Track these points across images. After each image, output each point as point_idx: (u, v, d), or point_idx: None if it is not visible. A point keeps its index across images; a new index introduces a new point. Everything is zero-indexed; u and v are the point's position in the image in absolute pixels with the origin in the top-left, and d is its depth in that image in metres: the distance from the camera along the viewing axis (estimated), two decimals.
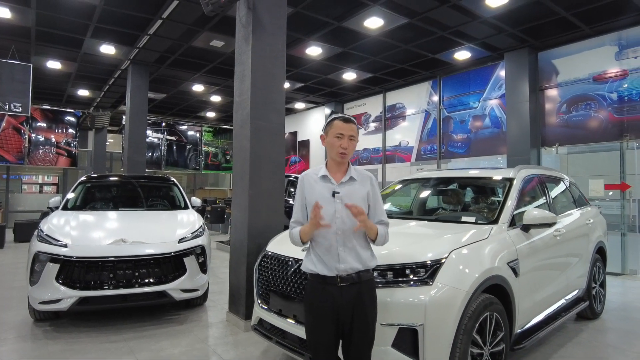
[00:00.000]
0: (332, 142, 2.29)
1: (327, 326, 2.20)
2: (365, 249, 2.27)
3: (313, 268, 2.26)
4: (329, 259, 2.21)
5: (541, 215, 3.33)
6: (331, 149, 2.30)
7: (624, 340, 4.03)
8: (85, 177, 6.07)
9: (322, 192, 2.26)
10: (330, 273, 2.20)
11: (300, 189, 2.37)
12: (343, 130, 2.27)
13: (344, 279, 2.19)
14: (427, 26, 7.50)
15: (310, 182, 2.34)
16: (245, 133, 4.50)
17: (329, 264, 2.21)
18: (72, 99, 14.04)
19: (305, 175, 2.39)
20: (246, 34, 4.55)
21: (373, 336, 2.26)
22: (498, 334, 2.84)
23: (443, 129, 10.53)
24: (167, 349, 3.73)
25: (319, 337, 2.23)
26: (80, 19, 7.41)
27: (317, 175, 2.34)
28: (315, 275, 2.25)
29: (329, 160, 2.36)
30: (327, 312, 2.19)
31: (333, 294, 2.19)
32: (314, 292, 2.27)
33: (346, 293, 2.19)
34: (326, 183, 2.30)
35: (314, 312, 2.25)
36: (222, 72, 10.47)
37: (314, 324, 2.25)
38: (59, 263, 3.99)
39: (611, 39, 7.55)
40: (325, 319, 2.20)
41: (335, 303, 2.19)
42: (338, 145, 2.26)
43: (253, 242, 4.34)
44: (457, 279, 2.58)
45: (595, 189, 7.55)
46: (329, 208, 2.22)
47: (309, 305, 2.29)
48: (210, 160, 17.49)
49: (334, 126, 2.29)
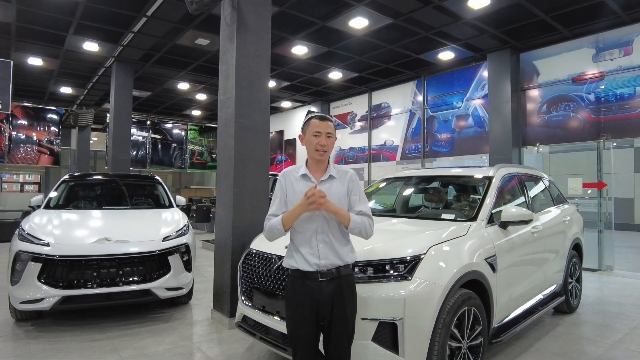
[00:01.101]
0: (310, 140, 2.33)
1: (307, 320, 2.25)
2: (344, 245, 2.33)
3: (294, 264, 2.30)
4: (309, 255, 2.26)
5: (518, 213, 3.43)
6: (310, 147, 2.34)
7: (597, 333, 4.17)
8: (69, 175, 6.00)
9: (302, 190, 2.28)
10: (311, 268, 2.24)
11: (280, 185, 2.39)
12: (320, 128, 2.32)
13: (324, 274, 2.24)
14: (411, 27, 7.60)
15: (291, 180, 2.37)
16: (229, 132, 4.52)
17: (309, 259, 2.25)
18: (55, 97, 13.81)
19: (286, 172, 2.42)
20: (230, 32, 4.57)
21: (352, 331, 2.32)
22: (476, 328, 2.92)
23: (427, 129, 10.67)
24: (152, 347, 3.74)
25: (299, 330, 2.28)
26: (62, 15, 7.31)
27: (298, 174, 2.37)
28: (296, 270, 2.30)
29: (309, 159, 2.40)
30: (307, 306, 2.24)
31: (313, 288, 2.24)
32: (294, 287, 2.31)
33: (326, 288, 2.24)
34: (306, 182, 2.34)
35: (294, 307, 2.29)
36: (208, 70, 10.43)
37: (294, 318, 2.29)
38: (41, 262, 3.96)
39: (589, 41, 7.75)
40: (305, 313, 2.25)
41: (315, 298, 2.24)
42: (316, 142, 2.31)
43: (237, 240, 4.37)
44: (435, 274, 2.65)
45: (574, 187, 7.75)
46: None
47: (290, 300, 2.34)
48: (195, 159, 17.39)
49: (311, 125, 2.34)
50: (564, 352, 3.67)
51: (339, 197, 2.31)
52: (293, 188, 2.35)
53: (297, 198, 2.27)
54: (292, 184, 2.36)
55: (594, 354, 3.65)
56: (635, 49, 7.20)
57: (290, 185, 2.36)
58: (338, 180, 2.36)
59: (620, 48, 7.37)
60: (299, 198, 2.25)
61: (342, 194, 2.33)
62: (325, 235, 2.27)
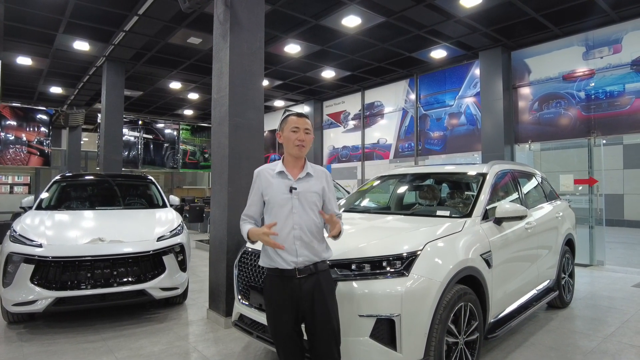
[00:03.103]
0: (288, 136, 2.36)
1: (287, 317, 2.29)
2: (320, 242, 2.37)
3: (271, 262, 2.33)
4: (286, 253, 2.28)
5: (513, 209, 3.46)
6: (288, 142, 2.37)
7: (590, 327, 4.22)
8: (60, 176, 5.94)
9: (279, 187, 2.32)
10: (288, 266, 2.27)
11: (255, 184, 2.41)
12: (298, 124, 2.37)
13: (302, 271, 2.27)
14: (404, 25, 7.63)
15: (267, 178, 2.38)
16: (223, 130, 4.50)
17: (287, 258, 2.27)
18: (44, 97, 13.64)
19: (261, 170, 2.43)
20: (224, 31, 4.55)
21: (338, 327, 2.33)
22: (472, 323, 2.94)
23: (420, 127, 10.71)
24: (147, 347, 3.71)
25: (279, 327, 2.32)
26: (52, 14, 7.23)
27: (274, 172, 2.38)
28: (274, 269, 2.32)
29: (286, 156, 2.42)
30: (286, 303, 2.28)
31: (292, 286, 2.27)
32: (272, 285, 2.35)
33: (305, 284, 2.27)
34: (283, 179, 2.36)
35: (273, 305, 2.33)
36: (200, 69, 10.37)
37: (274, 316, 2.33)
38: (33, 263, 3.91)
39: (579, 39, 7.84)
40: (284, 310, 2.29)
41: (294, 295, 2.27)
42: (295, 138, 2.34)
43: (232, 239, 4.35)
44: (432, 270, 2.66)
45: (565, 184, 7.84)
46: (286, 204, 2.30)
47: (268, 298, 2.37)
48: (188, 159, 17.31)
49: (289, 121, 2.39)
50: (558, 347, 3.71)
51: (315, 195, 2.36)
52: (270, 184, 2.36)
53: (275, 195, 2.32)
54: (269, 180, 2.38)
55: (587, 347, 3.70)
56: (624, 47, 7.30)
57: (267, 182, 2.37)
58: (315, 179, 2.40)
59: (610, 46, 7.47)
60: (276, 195, 2.31)
61: (318, 191, 2.38)
62: (302, 232, 2.29)
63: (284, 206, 2.30)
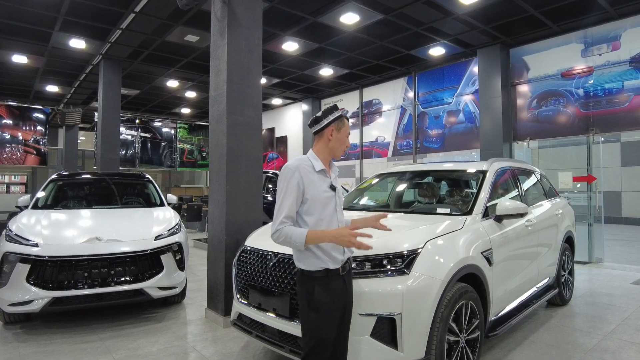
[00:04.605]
0: (342, 139, 2.33)
1: (336, 319, 2.19)
2: None
3: (320, 264, 2.17)
4: (336, 252, 2.21)
5: (513, 206, 3.44)
6: (339, 145, 2.33)
7: (590, 325, 4.21)
8: (57, 174, 5.88)
9: (321, 185, 2.23)
10: (336, 265, 2.21)
11: (295, 180, 2.16)
12: (349, 130, 2.40)
13: (344, 267, 2.26)
14: (402, 22, 7.59)
15: (308, 175, 2.20)
16: (221, 128, 4.47)
17: (336, 257, 2.21)
18: (41, 95, 13.54)
19: (300, 166, 2.20)
20: (221, 27, 4.51)
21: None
22: (473, 321, 2.92)
23: (418, 125, 10.69)
24: (145, 347, 3.68)
25: (328, 331, 2.16)
26: (47, 11, 7.15)
27: (315, 169, 2.24)
28: (321, 270, 2.17)
29: (326, 154, 2.31)
30: (337, 304, 2.20)
31: (339, 284, 2.22)
32: (324, 288, 2.16)
33: (347, 281, 2.28)
34: (325, 177, 2.28)
35: (325, 308, 2.15)
36: (197, 67, 10.31)
37: (324, 320, 2.15)
38: (29, 263, 3.87)
39: (577, 36, 7.82)
40: (335, 312, 2.18)
41: (342, 293, 2.22)
42: (348, 144, 2.38)
43: (231, 238, 4.32)
44: (433, 268, 2.64)
45: (564, 181, 7.83)
46: (329, 203, 2.24)
47: (319, 302, 2.15)
48: (185, 158, 17.23)
49: (346, 126, 2.36)
50: (559, 344, 3.70)
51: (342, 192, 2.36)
52: (314, 183, 2.21)
53: (319, 194, 2.20)
54: (310, 177, 2.21)
55: (587, 345, 3.69)
56: (623, 44, 7.28)
57: (308, 179, 2.19)
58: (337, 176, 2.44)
59: (608, 43, 7.45)
60: (320, 193, 2.21)
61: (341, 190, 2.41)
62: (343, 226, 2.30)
63: (327, 205, 2.22)
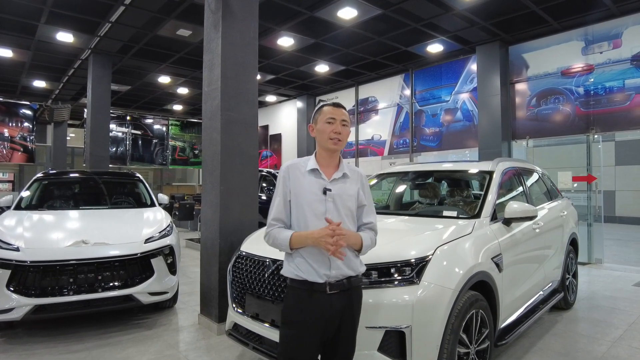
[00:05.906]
0: (323, 128, 2.06)
1: (312, 340, 1.96)
2: (356, 256, 2.07)
3: (299, 274, 1.98)
4: (319, 264, 1.96)
5: (523, 209, 3.28)
6: (322, 136, 2.06)
7: (597, 330, 4.08)
8: (42, 173, 5.63)
9: (311, 188, 2.01)
10: (320, 280, 1.95)
11: (283, 181, 2.07)
12: (334, 115, 2.06)
13: (334, 286, 1.96)
14: (401, 18, 7.42)
15: (297, 175, 2.05)
16: (215, 125, 4.26)
17: (319, 270, 1.95)
18: (28, 91, 13.18)
19: (291, 166, 2.09)
20: (215, 20, 4.29)
21: (355, 341, 2.11)
22: (483, 331, 2.76)
23: (415, 123, 10.54)
24: (134, 357, 3.47)
25: (301, 353, 1.96)
26: (31, 2, 6.86)
27: (306, 169, 2.07)
28: (302, 281, 1.97)
29: (319, 152, 2.12)
30: (314, 324, 1.95)
31: (322, 303, 1.94)
32: (298, 302, 1.98)
33: (336, 301, 1.96)
34: (317, 178, 2.05)
35: (297, 325, 1.97)
36: (190, 62, 10.06)
37: (296, 339, 1.97)
38: (9, 269, 3.63)
39: (578, 34, 7.71)
40: (311, 332, 1.95)
41: (324, 314, 1.95)
42: (330, 130, 2.04)
43: (225, 240, 4.12)
44: (444, 276, 2.47)
45: (563, 181, 7.72)
46: (318, 207, 2.00)
47: (289, 316, 2.01)
48: (177, 155, 16.97)
49: (324, 112, 2.08)
50: (567, 352, 3.56)
51: (351, 199, 2.06)
52: (300, 183, 2.04)
53: (305, 195, 2.01)
54: (299, 178, 2.04)
55: (597, 352, 3.55)
56: (624, 42, 7.18)
57: (296, 180, 2.04)
58: (351, 180, 2.11)
59: (609, 41, 7.34)
60: (307, 195, 2.00)
61: (354, 196, 2.09)
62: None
63: (315, 209, 1.99)
